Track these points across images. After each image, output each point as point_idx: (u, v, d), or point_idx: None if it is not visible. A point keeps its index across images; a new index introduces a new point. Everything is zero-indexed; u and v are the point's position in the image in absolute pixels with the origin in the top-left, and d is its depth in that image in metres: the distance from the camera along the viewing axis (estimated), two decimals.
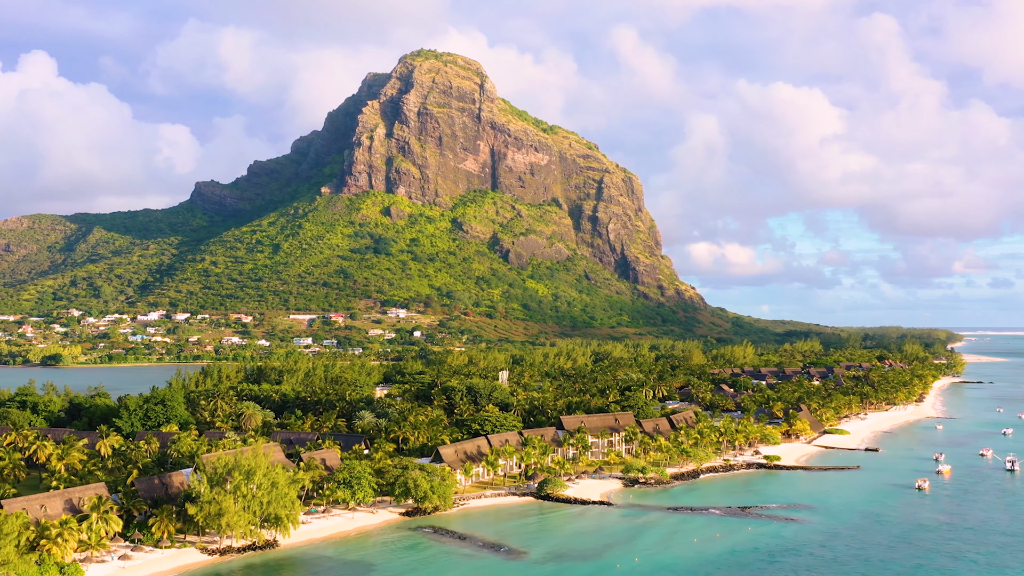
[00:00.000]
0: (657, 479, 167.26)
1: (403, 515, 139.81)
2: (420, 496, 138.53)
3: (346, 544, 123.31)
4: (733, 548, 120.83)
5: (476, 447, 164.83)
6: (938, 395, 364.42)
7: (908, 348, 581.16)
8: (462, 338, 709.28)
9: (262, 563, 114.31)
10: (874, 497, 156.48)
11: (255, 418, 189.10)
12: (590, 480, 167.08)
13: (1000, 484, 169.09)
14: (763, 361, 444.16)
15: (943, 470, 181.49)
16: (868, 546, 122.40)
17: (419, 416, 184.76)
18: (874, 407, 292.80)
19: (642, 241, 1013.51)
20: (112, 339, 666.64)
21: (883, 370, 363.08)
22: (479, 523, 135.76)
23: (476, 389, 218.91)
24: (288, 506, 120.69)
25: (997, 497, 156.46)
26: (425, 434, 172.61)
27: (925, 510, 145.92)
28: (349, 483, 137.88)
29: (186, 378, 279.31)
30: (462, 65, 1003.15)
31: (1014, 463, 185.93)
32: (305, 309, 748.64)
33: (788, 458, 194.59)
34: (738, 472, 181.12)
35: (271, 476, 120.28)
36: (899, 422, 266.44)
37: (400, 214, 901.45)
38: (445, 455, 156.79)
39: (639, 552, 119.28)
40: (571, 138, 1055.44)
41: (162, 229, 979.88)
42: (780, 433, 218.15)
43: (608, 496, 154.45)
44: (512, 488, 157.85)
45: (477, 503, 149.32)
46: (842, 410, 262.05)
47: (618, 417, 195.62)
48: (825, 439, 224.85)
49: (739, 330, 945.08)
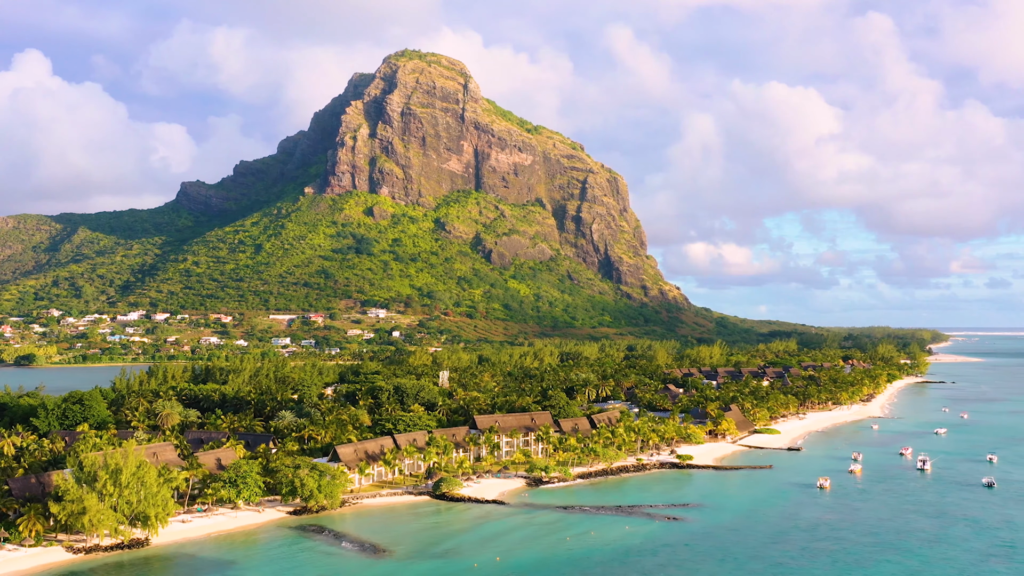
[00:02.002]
0: (561, 478, 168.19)
1: (290, 514, 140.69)
2: (306, 495, 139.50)
3: (217, 543, 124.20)
4: (600, 546, 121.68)
5: (380, 446, 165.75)
6: (893, 395, 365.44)
7: (880, 349, 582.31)
8: (441, 338, 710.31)
9: (121, 562, 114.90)
10: (769, 496, 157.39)
11: (172, 417, 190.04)
12: (494, 480, 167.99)
13: (902, 484, 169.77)
14: (729, 361, 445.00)
15: (855, 469, 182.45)
16: (735, 544, 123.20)
17: (327, 416, 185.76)
18: (819, 407, 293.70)
19: (626, 241, 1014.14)
20: (90, 339, 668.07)
21: (834, 371, 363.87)
22: (361, 522, 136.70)
23: (403, 389, 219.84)
24: (159, 505, 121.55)
25: (889, 497, 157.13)
26: (331, 433, 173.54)
27: (811, 509, 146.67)
28: (235, 482, 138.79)
29: (131, 378, 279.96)
30: (446, 65, 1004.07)
31: (925, 463, 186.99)
32: (285, 309, 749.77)
33: (706, 458, 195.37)
34: (649, 472, 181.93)
35: (140, 475, 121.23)
36: (837, 422, 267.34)
37: (383, 214, 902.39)
38: (343, 454, 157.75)
39: (507, 551, 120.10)
40: (555, 138, 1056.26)
41: (147, 229, 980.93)
42: (705, 433, 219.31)
43: (505, 496, 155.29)
44: (411, 487, 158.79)
45: (371, 502, 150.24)
46: (779, 410, 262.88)
47: (535, 417, 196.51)
48: (753, 439, 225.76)
49: (723, 330, 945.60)
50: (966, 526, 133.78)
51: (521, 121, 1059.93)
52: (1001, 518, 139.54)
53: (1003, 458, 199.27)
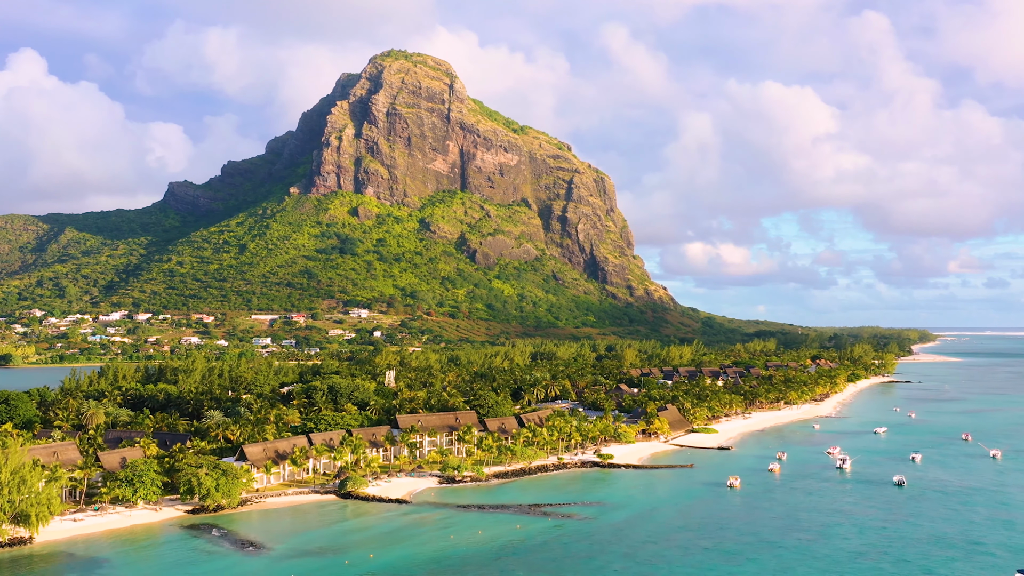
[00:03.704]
0: (474, 478, 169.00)
1: (188, 513, 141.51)
2: (203, 494, 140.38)
3: (101, 542, 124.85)
4: (480, 544, 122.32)
5: (292, 445, 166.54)
6: (851, 395, 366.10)
7: (857, 349, 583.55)
8: (422, 338, 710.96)
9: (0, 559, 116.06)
10: (675, 495, 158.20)
11: (97, 417, 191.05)
12: (408, 479, 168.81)
13: (813, 483, 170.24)
14: (694, 361, 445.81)
15: (774, 468, 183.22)
16: (614, 543, 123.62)
17: (256, 415, 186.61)
18: (769, 406, 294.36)
19: (612, 241, 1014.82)
20: (71, 339, 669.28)
21: (794, 370, 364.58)
22: (254, 520, 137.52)
23: (337, 389, 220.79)
24: (42, 504, 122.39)
25: (793, 496, 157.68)
26: (246, 432, 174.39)
27: (710, 508, 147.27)
28: (131, 481, 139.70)
29: (81, 378, 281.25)
30: (432, 65, 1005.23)
31: (845, 462, 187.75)
32: (267, 309, 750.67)
33: (632, 457, 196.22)
34: (569, 471, 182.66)
35: (22, 474, 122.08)
36: (782, 421, 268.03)
37: (368, 214, 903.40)
38: (250, 454, 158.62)
39: (386, 548, 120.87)
40: (541, 138, 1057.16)
41: (134, 229, 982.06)
42: (638, 432, 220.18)
43: (412, 495, 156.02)
44: (319, 487, 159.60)
45: (275, 501, 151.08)
46: (722, 409, 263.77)
47: (459, 416, 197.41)
48: (689, 438, 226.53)
49: (709, 331, 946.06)
50: (852, 525, 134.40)
51: (508, 121, 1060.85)
52: (890, 517, 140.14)
53: (927, 457, 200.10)
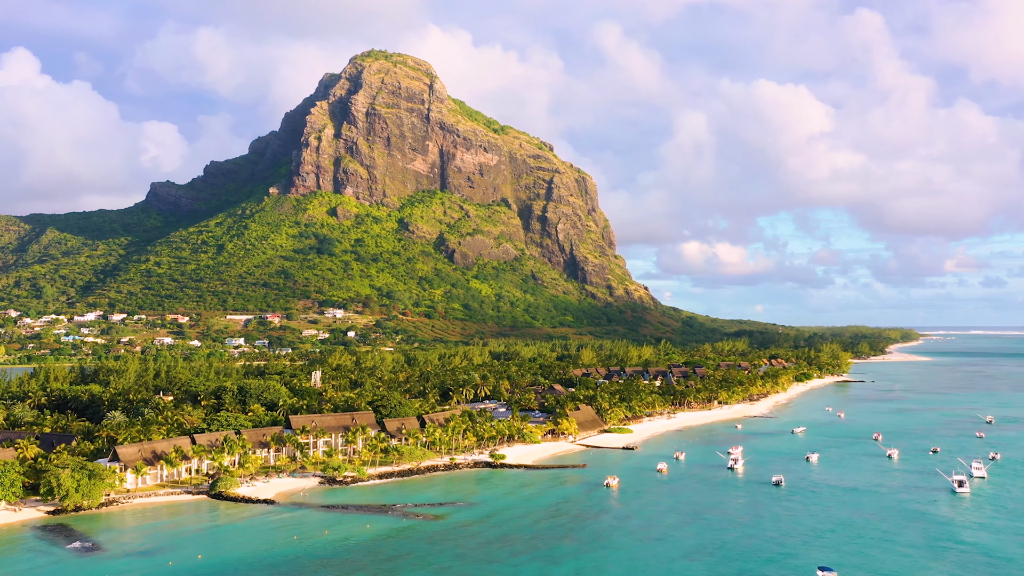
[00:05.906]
0: (355, 478, 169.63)
1: (50, 514, 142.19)
2: (62, 495, 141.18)
3: None
4: (321, 545, 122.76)
5: (171, 446, 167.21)
6: (794, 395, 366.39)
7: (825, 347, 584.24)
8: (396, 338, 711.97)
9: None
10: (547, 495, 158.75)
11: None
12: (289, 479, 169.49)
13: (692, 484, 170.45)
14: (648, 360, 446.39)
15: (662, 468, 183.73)
16: (459, 542, 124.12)
17: (159, 416, 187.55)
18: (700, 406, 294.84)
19: (593, 241, 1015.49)
20: (44, 340, 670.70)
21: (732, 370, 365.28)
22: (109, 522, 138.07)
23: (247, 390, 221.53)
24: None
25: (663, 496, 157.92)
26: (130, 434, 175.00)
27: (574, 507, 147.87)
28: None
29: (11, 379, 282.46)
30: (412, 66, 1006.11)
31: (737, 462, 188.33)
32: (243, 309, 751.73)
33: (531, 458, 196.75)
34: (460, 471, 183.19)
35: None
36: (706, 421, 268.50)
37: (347, 214, 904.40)
38: (123, 454, 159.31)
39: (221, 549, 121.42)
40: (522, 138, 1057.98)
41: (115, 230, 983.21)
42: (545, 432, 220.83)
43: (283, 495, 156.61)
44: (192, 487, 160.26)
45: (142, 502, 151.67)
46: (645, 409, 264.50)
47: (356, 416, 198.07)
48: (599, 438, 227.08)
49: (688, 330, 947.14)
50: (699, 525, 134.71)
51: (488, 121, 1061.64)
52: (743, 518, 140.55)
53: (824, 457, 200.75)
